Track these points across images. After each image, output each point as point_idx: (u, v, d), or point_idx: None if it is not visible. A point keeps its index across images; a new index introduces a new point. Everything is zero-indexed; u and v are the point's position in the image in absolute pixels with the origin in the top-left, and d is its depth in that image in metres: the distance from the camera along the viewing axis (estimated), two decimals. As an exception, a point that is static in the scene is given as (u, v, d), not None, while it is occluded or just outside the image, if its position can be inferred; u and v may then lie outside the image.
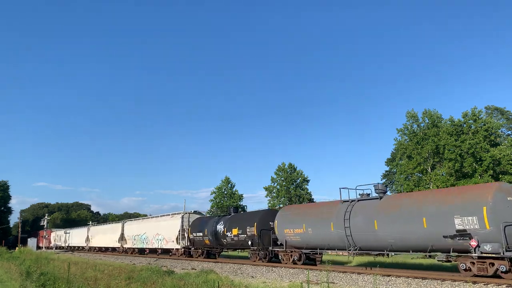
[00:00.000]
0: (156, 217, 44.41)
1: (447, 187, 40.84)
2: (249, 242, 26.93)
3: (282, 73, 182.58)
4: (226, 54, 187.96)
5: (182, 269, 25.65)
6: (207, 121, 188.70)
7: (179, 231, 36.08)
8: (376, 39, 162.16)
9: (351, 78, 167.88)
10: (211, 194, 68.87)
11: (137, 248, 45.44)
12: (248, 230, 27.14)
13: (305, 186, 62.91)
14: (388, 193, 21.38)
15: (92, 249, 59.31)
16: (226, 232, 29.35)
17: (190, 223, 35.70)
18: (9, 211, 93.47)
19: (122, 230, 49.10)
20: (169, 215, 40.25)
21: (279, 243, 25.41)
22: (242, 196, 66.90)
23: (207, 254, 33.35)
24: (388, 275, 17.86)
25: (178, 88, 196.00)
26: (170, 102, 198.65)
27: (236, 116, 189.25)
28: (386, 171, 66.63)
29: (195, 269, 24.34)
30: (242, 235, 27.71)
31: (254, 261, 27.00)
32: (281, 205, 53.46)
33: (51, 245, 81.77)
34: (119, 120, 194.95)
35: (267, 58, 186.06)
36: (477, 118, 43.95)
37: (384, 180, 67.08)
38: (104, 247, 55.38)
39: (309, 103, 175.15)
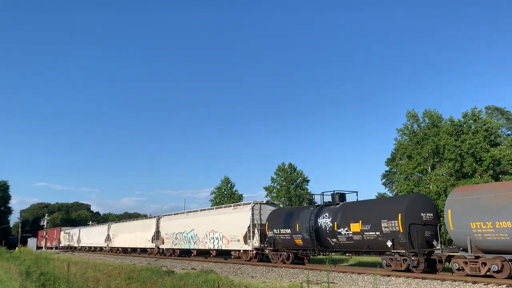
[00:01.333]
0: (209, 209, 35.85)
1: (447, 187, 40.91)
2: (389, 243, 18.95)
3: (282, 73, 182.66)
4: (226, 54, 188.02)
5: (182, 269, 25.67)
6: (207, 121, 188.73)
7: (249, 227, 27.58)
8: (376, 39, 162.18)
9: (351, 78, 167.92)
10: (211, 194, 68.95)
11: (180, 249, 36.83)
12: (385, 225, 19.09)
13: (305, 186, 62.97)
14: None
15: (115, 250, 51.31)
16: (338, 229, 21.23)
17: (261, 216, 27.81)
18: (9, 211, 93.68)
19: (157, 227, 40.69)
20: (229, 206, 32.79)
21: (438, 245, 18.59)
22: (242, 196, 66.98)
23: (296, 257, 25.21)
24: (388, 275, 17.87)
25: (178, 88, 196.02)
26: (170, 102, 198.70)
27: (236, 116, 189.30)
28: (386, 171, 66.62)
29: (195, 269, 24.35)
30: (370, 232, 19.67)
31: (397, 270, 18.77)
32: (281, 205, 49.50)
33: (60, 245, 76.15)
34: (119, 120, 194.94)
35: (267, 58, 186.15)
36: (477, 118, 43.98)
37: (384, 180, 67.16)
38: (131, 248, 47.71)
39: (309, 103, 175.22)
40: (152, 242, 41.10)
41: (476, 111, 44.40)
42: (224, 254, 32.55)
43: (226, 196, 66.83)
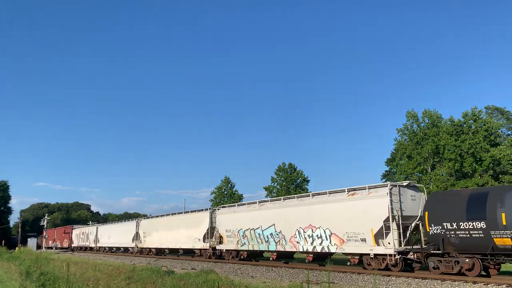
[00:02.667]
0: (302, 197, 25.05)
1: (446, 187, 40.92)
2: None
3: (282, 73, 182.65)
4: (226, 54, 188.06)
5: (182, 269, 25.64)
6: (207, 121, 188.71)
7: (385, 221, 18.94)
8: (376, 39, 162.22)
9: (351, 78, 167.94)
10: (211, 194, 68.90)
11: (250, 250, 27.82)
12: None
13: (305, 186, 62.93)
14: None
15: (146, 252, 43.29)
16: None
17: (401, 205, 19.41)
18: (9, 211, 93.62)
19: (211, 221, 32.38)
20: (343, 192, 21.89)
21: None
22: (242, 196, 66.90)
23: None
24: (388, 275, 17.86)
25: (178, 88, 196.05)
26: (170, 102, 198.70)
27: (236, 116, 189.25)
28: (386, 171, 66.56)
29: (195, 269, 24.33)
30: None
31: None
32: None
33: (73, 245, 68.19)
34: (119, 120, 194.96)
35: (267, 58, 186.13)
36: (477, 118, 43.95)
37: (384, 180, 67.08)
38: (170, 249, 39.00)
39: (309, 103, 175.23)
40: (205, 241, 32.54)
41: (476, 111, 44.38)
42: (321, 259, 23.74)
43: (226, 196, 66.82)
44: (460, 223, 16.23)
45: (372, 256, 19.66)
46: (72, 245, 68.59)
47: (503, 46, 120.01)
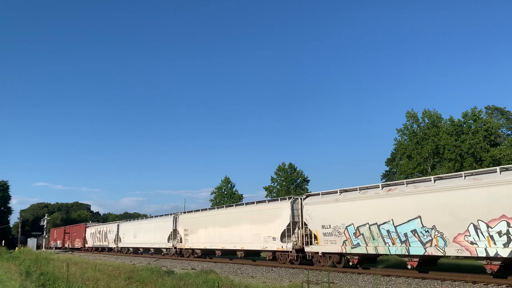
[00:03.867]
0: (476, 174, 16.32)
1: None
2: None
3: (282, 74, 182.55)
4: (226, 54, 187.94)
5: (182, 269, 25.60)
6: (207, 121, 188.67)
7: None
8: (375, 39, 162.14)
9: (351, 78, 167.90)
10: (211, 194, 68.94)
11: (366, 254, 20.07)
12: None
13: (305, 186, 62.95)
14: None
15: (188, 254, 35.14)
16: None
17: None
18: (9, 211, 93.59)
19: (294, 214, 24.60)
20: None
21: None
22: (242, 196, 66.96)
23: None
24: (388, 275, 17.85)
25: (178, 88, 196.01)
26: (170, 102, 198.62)
27: (236, 115, 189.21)
28: (386, 171, 66.61)
29: (195, 269, 24.30)
30: None
31: None
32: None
33: (86, 245, 61.04)
34: (120, 120, 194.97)
35: (267, 58, 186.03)
36: (477, 118, 43.93)
37: (384, 180, 67.09)
38: (223, 250, 31.05)
39: (309, 103, 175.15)
40: (283, 241, 24.81)
41: (476, 111, 44.35)
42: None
43: (226, 196, 66.83)
44: None
45: None
46: (86, 245, 60.94)
47: (503, 46, 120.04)
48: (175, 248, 37.20)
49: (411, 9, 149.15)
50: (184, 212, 38.40)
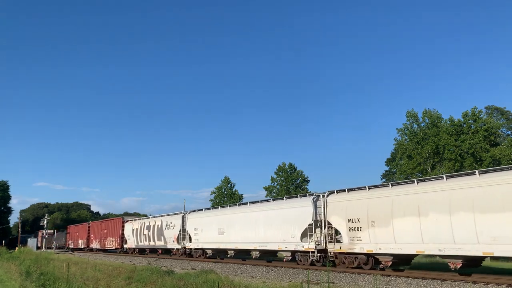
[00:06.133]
0: None
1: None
2: None
3: (282, 74, 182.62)
4: (226, 53, 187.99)
5: (182, 269, 25.60)
6: (207, 121, 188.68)
7: None
8: (375, 39, 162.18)
9: (351, 78, 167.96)
10: (211, 194, 68.91)
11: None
12: None
13: (305, 186, 62.98)
14: None
15: (351, 260, 20.75)
16: None
17: None
18: (9, 211, 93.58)
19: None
20: None
21: None
22: (242, 196, 66.95)
23: None
24: (388, 275, 17.86)
25: (178, 88, 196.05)
26: (169, 101, 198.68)
27: (236, 115, 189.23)
28: (386, 171, 66.67)
29: (195, 269, 24.30)
30: None
31: None
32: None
33: (125, 246, 47.34)
34: (120, 121, 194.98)
35: (267, 58, 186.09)
36: (477, 118, 43.96)
37: (384, 180, 67.11)
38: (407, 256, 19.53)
39: (309, 103, 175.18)
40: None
41: (476, 111, 44.39)
42: None
43: (226, 196, 66.82)
44: None
45: None
46: (125, 246, 47.44)
47: (503, 46, 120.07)
48: (323, 251, 22.66)
49: (411, 9, 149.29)
50: (337, 192, 22.63)
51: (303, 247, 23.13)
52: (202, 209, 36.20)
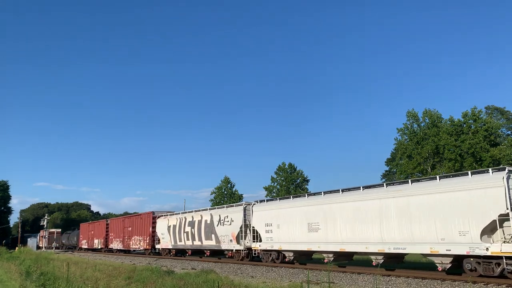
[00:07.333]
0: None
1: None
2: None
3: (282, 74, 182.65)
4: (225, 53, 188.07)
5: (182, 269, 25.61)
6: (207, 121, 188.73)
7: None
8: (375, 39, 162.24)
9: (351, 78, 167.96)
10: (211, 194, 68.97)
11: None
12: None
13: (305, 186, 62.99)
14: None
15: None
16: None
17: None
18: (9, 211, 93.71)
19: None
20: None
21: None
22: (242, 196, 67.00)
23: None
24: (388, 275, 17.85)
25: (178, 88, 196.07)
26: (169, 101, 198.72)
27: (236, 115, 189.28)
28: (386, 171, 66.70)
29: (195, 269, 24.31)
30: None
31: None
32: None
33: (157, 246, 38.42)
34: (120, 120, 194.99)
35: (267, 58, 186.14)
36: (477, 118, 43.97)
37: (384, 180, 67.12)
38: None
39: (309, 103, 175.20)
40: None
41: (476, 111, 44.40)
42: None
43: (226, 196, 66.85)
44: None
45: None
46: (157, 247, 38.70)
47: (503, 46, 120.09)
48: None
49: (411, 9, 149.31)
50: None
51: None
52: (276, 199, 29.47)
